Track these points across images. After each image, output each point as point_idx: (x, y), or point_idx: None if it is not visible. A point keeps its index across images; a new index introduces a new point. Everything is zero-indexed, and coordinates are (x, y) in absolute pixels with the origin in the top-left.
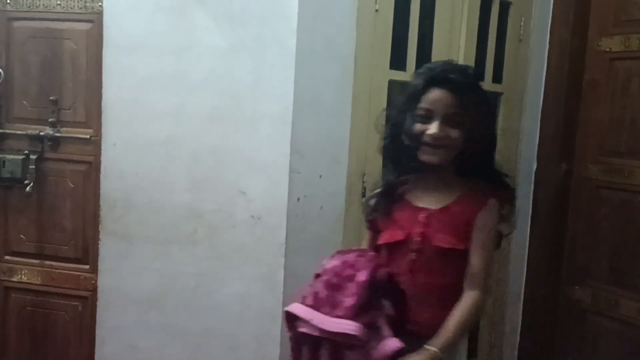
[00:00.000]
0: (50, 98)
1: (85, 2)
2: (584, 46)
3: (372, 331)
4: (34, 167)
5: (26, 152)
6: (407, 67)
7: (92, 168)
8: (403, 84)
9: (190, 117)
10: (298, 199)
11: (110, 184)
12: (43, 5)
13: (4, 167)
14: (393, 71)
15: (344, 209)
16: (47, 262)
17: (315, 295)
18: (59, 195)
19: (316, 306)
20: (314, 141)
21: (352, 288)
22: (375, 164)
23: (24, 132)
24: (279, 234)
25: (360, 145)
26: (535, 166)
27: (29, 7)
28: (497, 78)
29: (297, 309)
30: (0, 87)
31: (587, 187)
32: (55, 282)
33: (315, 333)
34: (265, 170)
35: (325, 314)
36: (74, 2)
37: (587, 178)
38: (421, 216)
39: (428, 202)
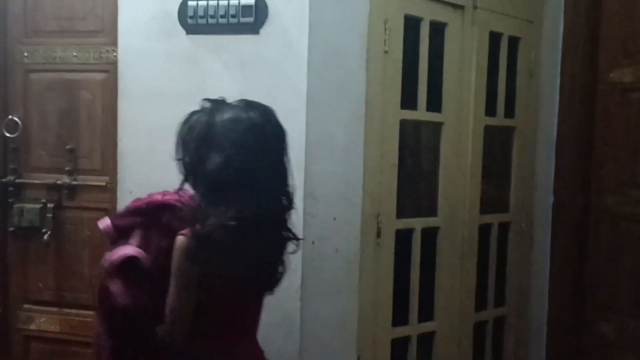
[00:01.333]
0: (67, 147)
1: (100, 52)
2: (595, 78)
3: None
4: (51, 215)
5: (44, 201)
6: (419, 106)
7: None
8: (416, 123)
9: None
10: (313, 242)
11: None
12: (59, 57)
13: (22, 216)
14: (405, 110)
15: (360, 251)
16: (66, 310)
17: None
18: (77, 243)
19: None
20: (327, 184)
21: None
22: (389, 204)
23: (41, 182)
24: (294, 278)
25: (373, 186)
26: (552, 200)
27: (46, 59)
28: (510, 112)
29: None
30: (18, 138)
31: (607, 219)
32: (74, 330)
33: None
34: None
35: None
36: (89, 53)
37: (606, 210)
38: None
39: None
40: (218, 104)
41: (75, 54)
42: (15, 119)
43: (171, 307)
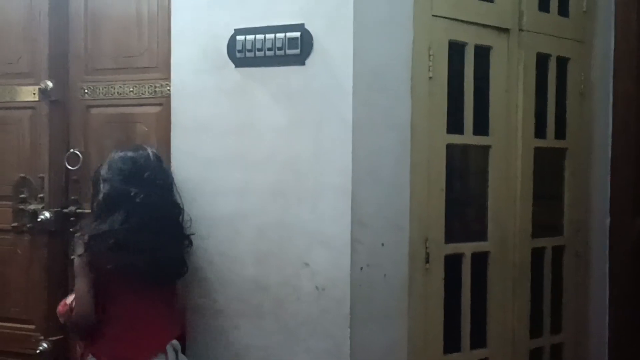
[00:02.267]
0: None
1: (155, 87)
2: None
3: None
4: None
5: None
6: (465, 130)
7: None
8: (463, 147)
9: (254, 193)
10: (361, 269)
11: None
12: (117, 92)
13: None
14: (451, 135)
15: (408, 277)
16: None
17: None
18: None
19: None
20: (374, 210)
21: None
22: (437, 229)
23: None
24: (343, 305)
25: (421, 211)
26: (608, 222)
27: (105, 95)
28: (560, 134)
29: None
30: (78, 170)
31: None
32: None
33: None
34: (328, 242)
35: None
36: (145, 88)
37: None
38: None
39: None
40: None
41: (131, 89)
42: (76, 152)
43: (75, 297)
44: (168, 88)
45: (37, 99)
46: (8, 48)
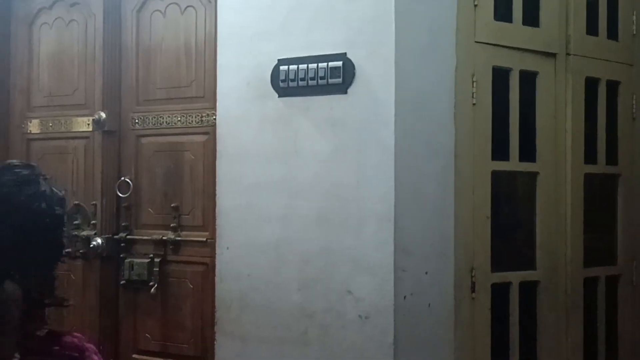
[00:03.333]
0: (172, 205)
1: (202, 116)
2: None
3: None
4: (157, 269)
5: (151, 255)
6: (511, 156)
7: (209, 269)
8: (509, 174)
9: (298, 220)
10: (405, 297)
11: (225, 285)
12: (166, 122)
13: (132, 270)
14: (496, 162)
15: (454, 306)
16: None
17: None
18: (180, 295)
19: None
20: (418, 238)
21: None
22: (483, 258)
23: (149, 237)
24: (387, 334)
25: (466, 239)
26: None
27: (154, 124)
28: (612, 159)
29: None
30: (129, 197)
31: None
32: None
33: None
34: (371, 269)
35: None
36: (192, 117)
37: None
38: None
39: None
40: None
41: (179, 118)
42: (127, 180)
43: None
44: (214, 117)
45: (91, 129)
46: (65, 81)
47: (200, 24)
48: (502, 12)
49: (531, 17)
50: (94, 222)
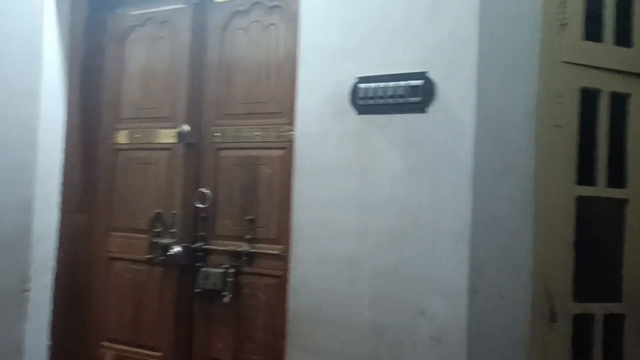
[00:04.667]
0: (248, 217)
1: (279, 131)
2: None
3: None
4: (232, 280)
5: (226, 266)
6: (598, 182)
7: (282, 282)
8: (595, 199)
9: (371, 236)
10: (479, 320)
11: (298, 299)
12: (245, 136)
13: (207, 279)
14: (581, 186)
15: (530, 334)
16: None
17: None
18: (253, 307)
19: None
20: (494, 260)
21: None
22: (564, 286)
23: (225, 248)
24: (459, 357)
25: (546, 265)
26: None
27: (234, 138)
28: None
29: None
30: (207, 208)
31: None
32: None
33: None
34: (444, 290)
35: None
36: (270, 132)
37: None
38: None
39: None
40: None
41: (258, 133)
42: (206, 191)
43: None
44: (291, 133)
45: (174, 141)
46: (152, 95)
47: (281, 42)
48: (591, 32)
49: (623, 37)
50: (173, 230)
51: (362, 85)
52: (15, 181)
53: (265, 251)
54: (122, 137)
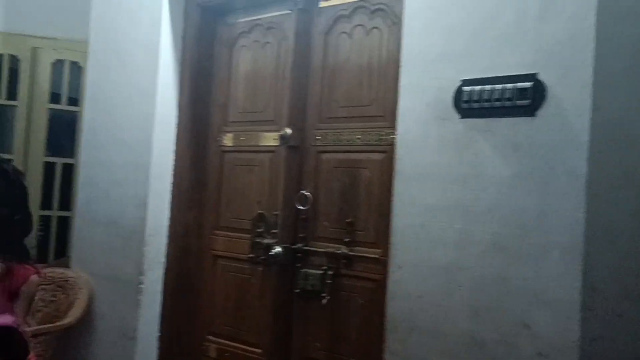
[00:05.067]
0: (347, 220)
1: (380, 135)
2: None
3: None
4: (330, 281)
5: (325, 267)
6: None
7: (379, 287)
8: None
9: (473, 245)
10: (592, 340)
11: (395, 304)
12: (346, 139)
13: (306, 280)
14: None
15: None
16: None
17: None
18: (350, 309)
19: None
20: (610, 276)
21: None
22: None
23: (324, 250)
24: None
25: None
26: None
27: (334, 141)
28: None
29: None
30: (307, 210)
31: None
32: None
33: None
34: (553, 305)
35: None
36: (371, 135)
37: None
38: None
39: None
40: None
41: (359, 136)
42: (307, 193)
43: None
44: (392, 136)
45: (277, 144)
46: (258, 99)
47: (384, 45)
48: None
49: None
50: (274, 231)
51: (467, 88)
52: (133, 179)
53: (363, 254)
54: (228, 140)
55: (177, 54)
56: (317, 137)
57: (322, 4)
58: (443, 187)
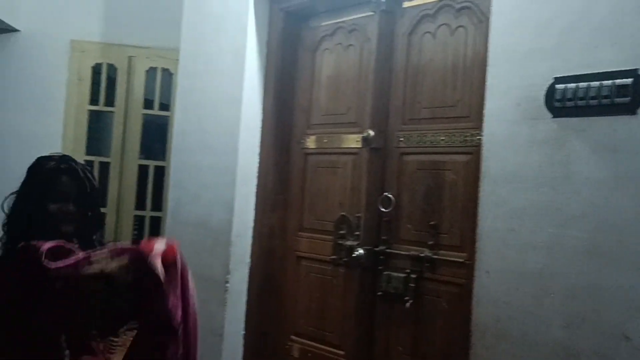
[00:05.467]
0: (431, 223)
1: (465, 136)
2: None
3: None
4: (413, 285)
5: (408, 271)
6: None
7: (464, 291)
8: None
9: (566, 250)
10: None
11: (482, 310)
12: (429, 141)
13: (389, 283)
14: None
15: None
16: None
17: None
18: (434, 314)
19: None
20: None
21: None
22: None
23: (407, 253)
24: None
25: None
26: None
27: (418, 143)
28: None
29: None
30: (390, 212)
31: None
32: None
33: None
34: None
35: None
36: (456, 136)
37: None
38: None
39: None
40: None
41: (443, 138)
42: (390, 195)
43: None
44: (478, 137)
45: (359, 146)
46: (340, 101)
47: (470, 44)
48: None
49: None
50: (357, 233)
51: (560, 86)
52: (220, 182)
53: (448, 258)
54: (311, 142)
55: (261, 59)
56: (400, 139)
57: (406, 4)
58: (533, 190)
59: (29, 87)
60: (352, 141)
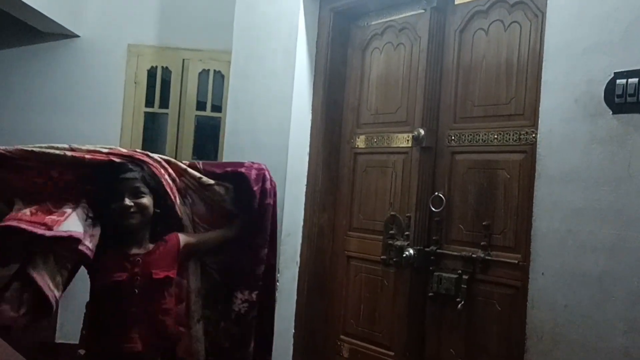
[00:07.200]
0: (483, 223)
1: (519, 134)
2: None
3: None
4: (465, 286)
5: (459, 271)
6: None
7: (519, 294)
8: None
9: (629, 253)
10: None
11: (537, 313)
12: (482, 139)
13: (440, 284)
14: None
15: None
16: None
17: None
18: (487, 316)
19: None
20: None
21: None
22: None
23: (458, 254)
24: None
25: None
26: None
27: (470, 142)
28: None
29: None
30: (441, 212)
31: None
32: None
33: None
34: None
35: None
36: (509, 135)
37: None
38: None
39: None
40: None
41: (495, 136)
42: (440, 195)
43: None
44: (533, 135)
45: (409, 145)
46: (390, 100)
47: (524, 40)
48: None
49: None
50: (407, 233)
51: (621, 81)
52: None
53: (501, 259)
54: (361, 142)
55: (311, 59)
56: (452, 138)
57: (458, 1)
58: (591, 189)
59: (88, 90)
60: (402, 140)
